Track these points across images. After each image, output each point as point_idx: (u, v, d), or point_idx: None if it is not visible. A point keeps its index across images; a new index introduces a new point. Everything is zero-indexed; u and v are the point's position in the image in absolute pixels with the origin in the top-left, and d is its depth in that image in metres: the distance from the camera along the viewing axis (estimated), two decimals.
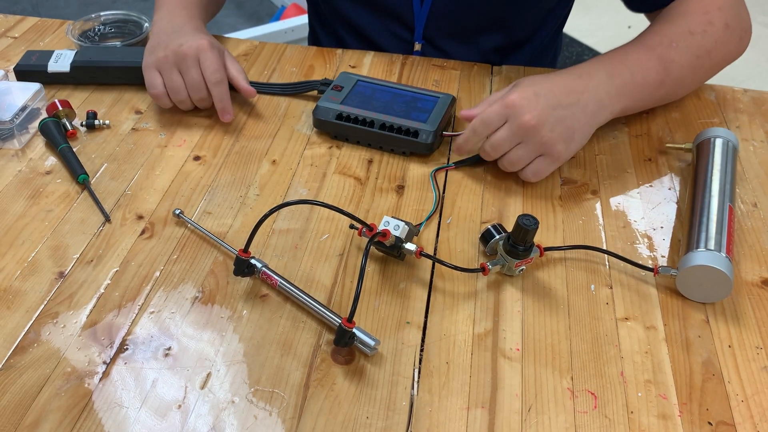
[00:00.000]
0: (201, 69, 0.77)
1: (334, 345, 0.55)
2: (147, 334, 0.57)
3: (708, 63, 0.79)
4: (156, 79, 0.79)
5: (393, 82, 0.84)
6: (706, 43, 0.77)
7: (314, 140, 0.80)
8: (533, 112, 0.67)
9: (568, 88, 0.70)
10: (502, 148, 0.70)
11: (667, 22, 0.79)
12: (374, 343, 0.55)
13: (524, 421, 0.52)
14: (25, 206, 0.69)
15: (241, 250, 0.60)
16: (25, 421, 0.51)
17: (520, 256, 0.61)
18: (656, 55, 0.75)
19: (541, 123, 0.67)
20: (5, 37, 0.97)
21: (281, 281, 0.60)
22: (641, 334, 0.59)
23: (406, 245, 0.62)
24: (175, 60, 0.78)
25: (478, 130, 0.70)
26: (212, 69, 0.77)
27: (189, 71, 0.77)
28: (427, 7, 0.92)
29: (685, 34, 0.76)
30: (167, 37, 0.80)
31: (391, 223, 0.62)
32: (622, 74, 0.73)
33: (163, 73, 0.78)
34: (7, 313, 0.59)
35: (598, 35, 2.71)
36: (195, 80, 0.77)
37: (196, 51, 0.77)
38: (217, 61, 0.78)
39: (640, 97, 0.76)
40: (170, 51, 0.78)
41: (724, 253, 0.60)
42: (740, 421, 0.53)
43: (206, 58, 0.77)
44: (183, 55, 0.77)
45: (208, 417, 0.52)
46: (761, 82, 2.51)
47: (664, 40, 0.76)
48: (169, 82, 0.78)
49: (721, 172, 0.69)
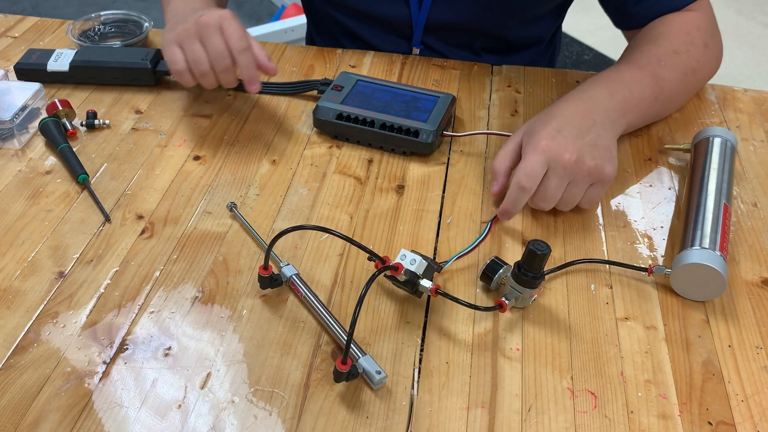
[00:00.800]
0: (224, 38, 0.72)
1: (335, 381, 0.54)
2: (147, 334, 0.57)
3: (693, 79, 0.82)
4: (177, 54, 0.74)
5: (393, 81, 0.84)
6: (690, 61, 0.81)
7: (314, 140, 0.80)
8: (570, 149, 0.65)
9: (580, 114, 0.69)
10: (557, 197, 0.66)
11: (649, 42, 0.81)
12: (379, 377, 0.53)
13: (524, 421, 0.52)
14: (25, 206, 0.69)
15: (261, 267, 0.59)
16: (25, 421, 0.51)
17: (535, 285, 0.58)
18: (648, 72, 0.77)
19: (582, 155, 0.65)
20: (5, 36, 0.97)
21: (306, 293, 0.60)
22: (641, 333, 0.59)
23: (421, 281, 0.57)
24: (196, 30, 0.73)
25: (527, 186, 0.65)
26: (237, 36, 0.72)
27: (211, 38, 0.72)
28: (424, 14, 0.93)
29: (670, 53, 0.79)
30: (185, 15, 0.77)
31: (408, 257, 0.57)
32: (621, 91, 0.74)
33: (184, 46, 0.73)
34: (7, 313, 0.59)
35: (598, 35, 2.71)
36: (218, 48, 0.72)
37: (219, 19, 0.72)
38: (242, 28, 0.73)
39: (640, 113, 0.77)
40: (191, 22, 0.73)
41: (718, 251, 0.60)
42: (740, 420, 0.53)
43: (230, 25, 0.72)
44: (205, 24, 0.72)
45: (208, 417, 0.52)
46: (761, 82, 2.51)
47: (652, 59, 0.78)
48: (190, 53, 0.73)
49: (719, 171, 0.69)
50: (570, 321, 0.60)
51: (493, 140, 0.80)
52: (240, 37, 0.72)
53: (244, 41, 0.72)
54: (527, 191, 0.65)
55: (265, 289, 0.61)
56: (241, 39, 0.72)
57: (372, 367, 0.53)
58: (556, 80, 0.92)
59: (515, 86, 0.90)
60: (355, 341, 0.56)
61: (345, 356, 0.52)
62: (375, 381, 0.53)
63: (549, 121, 0.68)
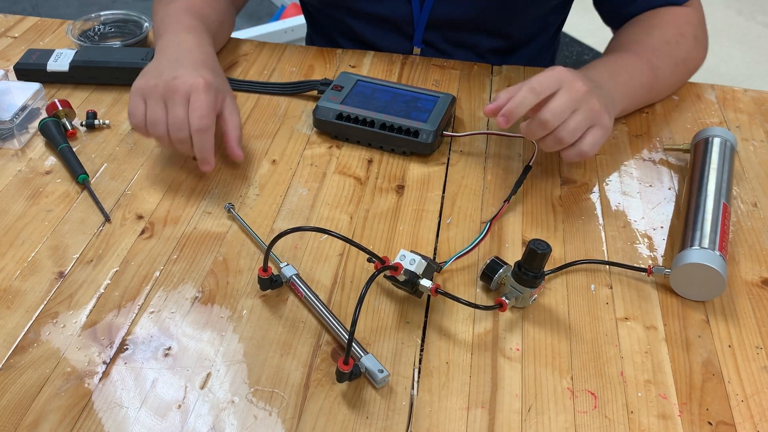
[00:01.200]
0: (188, 110, 0.68)
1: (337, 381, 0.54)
2: (147, 334, 0.57)
3: (684, 70, 0.86)
4: (138, 108, 0.70)
5: (393, 81, 0.84)
6: (680, 52, 0.84)
7: (314, 140, 0.80)
8: (583, 80, 0.66)
9: (591, 77, 0.72)
10: (563, 115, 0.65)
11: (643, 32, 0.85)
12: (381, 375, 0.53)
13: (524, 421, 0.52)
14: (25, 206, 0.69)
15: (260, 269, 0.60)
16: (25, 421, 0.51)
17: (535, 284, 0.58)
18: (645, 60, 0.81)
19: (591, 90, 0.66)
20: (5, 36, 0.97)
21: (306, 293, 0.60)
22: (641, 334, 0.59)
23: (421, 281, 0.58)
24: (164, 92, 0.69)
25: (537, 88, 0.64)
26: (199, 114, 0.67)
27: (175, 107, 0.68)
28: (426, 13, 0.92)
29: (663, 44, 0.83)
30: (168, 64, 0.72)
31: (407, 257, 0.58)
32: (622, 76, 0.77)
33: (148, 103, 0.70)
34: (7, 313, 0.59)
35: (597, 35, 2.70)
36: (178, 118, 0.68)
37: (189, 89, 0.68)
38: (208, 105, 0.68)
39: (636, 98, 0.81)
40: (162, 81, 0.69)
41: (717, 251, 0.60)
42: (740, 420, 0.53)
43: (196, 100, 0.68)
44: (173, 90, 0.68)
45: (207, 417, 0.52)
46: (761, 82, 2.51)
47: (647, 48, 0.82)
48: (151, 113, 0.69)
49: (718, 171, 0.69)
50: (570, 321, 0.60)
51: (493, 140, 0.80)
52: (201, 116, 0.67)
53: (204, 121, 0.68)
54: (535, 93, 0.64)
55: (265, 290, 0.61)
56: (202, 118, 0.67)
57: (374, 366, 0.54)
58: None
59: None
60: (356, 340, 0.56)
61: (347, 356, 0.52)
62: (378, 380, 0.53)
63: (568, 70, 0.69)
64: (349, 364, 0.52)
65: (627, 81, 0.77)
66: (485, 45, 0.97)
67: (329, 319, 0.58)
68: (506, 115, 0.64)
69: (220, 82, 0.73)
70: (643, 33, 0.85)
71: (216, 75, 0.73)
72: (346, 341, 0.54)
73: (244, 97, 0.87)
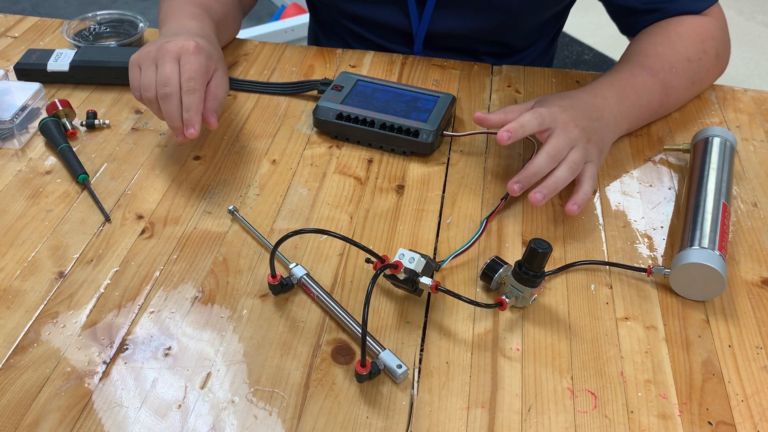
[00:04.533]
0: (178, 69, 0.68)
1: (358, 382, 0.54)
2: (147, 334, 0.57)
3: (698, 88, 0.86)
4: (134, 76, 0.70)
5: (393, 81, 0.84)
6: (700, 71, 0.83)
7: (314, 140, 0.80)
8: (577, 122, 0.68)
9: (591, 105, 0.72)
10: (562, 153, 0.67)
11: (665, 44, 0.82)
12: (401, 371, 0.53)
13: (524, 421, 0.52)
14: (25, 206, 0.69)
15: (269, 276, 0.60)
16: (25, 420, 0.51)
17: (536, 284, 0.58)
18: (660, 80, 0.79)
19: (582, 131, 0.69)
20: (5, 36, 0.97)
21: (319, 293, 0.60)
22: (641, 333, 0.59)
23: (421, 279, 0.58)
24: (155, 55, 0.69)
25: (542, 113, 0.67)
26: (189, 75, 0.67)
27: (164, 65, 0.67)
28: (425, 25, 0.93)
29: (683, 61, 0.81)
30: (164, 37, 0.73)
31: (406, 256, 0.58)
32: (630, 97, 0.77)
33: (142, 68, 0.70)
34: (7, 313, 0.59)
35: (597, 35, 2.71)
36: (165, 74, 0.67)
37: (180, 50, 0.68)
38: (198, 67, 0.68)
39: (643, 118, 0.80)
40: (155, 46, 0.70)
41: (717, 251, 0.60)
42: (740, 420, 0.53)
43: (187, 61, 0.68)
44: (164, 51, 0.68)
45: (208, 417, 0.52)
46: (761, 82, 2.51)
47: (666, 65, 0.80)
48: (143, 77, 0.69)
49: (718, 171, 0.69)
50: (570, 321, 0.60)
51: (493, 140, 0.80)
52: (190, 78, 0.67)
53: (193, 82, 0.67)
54: (539, 117, 0.67)
55: (277, 295, 0.61)
56: (191, 80, 0.67)
57: (393, 362, 0.54)
58: (556, 80, 0.92)
59: (515, 86, 0.90)
60: (373, 336, 0.57)
61: (363, 359, 0.52)
62: (397, 375, 0.53)
63: (564, 97, 0.72)
64: (366, 366, 0.52)
65: (635, 102, 0.77)
66: (483, 53, 0.99)
67: (345, 318, 0.58)
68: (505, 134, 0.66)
69: (214, 51, 0.73)
70: (665, 45, 0.81)
71: (211, 44, 0.73)
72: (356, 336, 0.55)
73: (244, 97, 0.87)
